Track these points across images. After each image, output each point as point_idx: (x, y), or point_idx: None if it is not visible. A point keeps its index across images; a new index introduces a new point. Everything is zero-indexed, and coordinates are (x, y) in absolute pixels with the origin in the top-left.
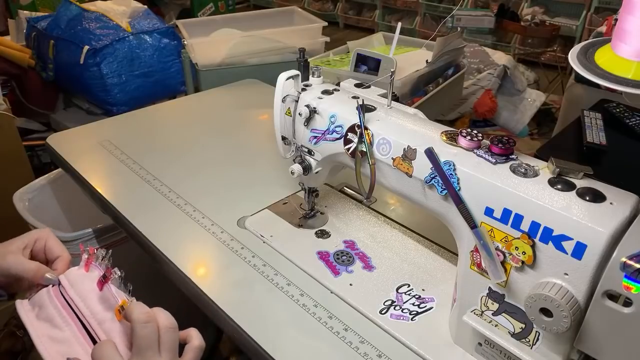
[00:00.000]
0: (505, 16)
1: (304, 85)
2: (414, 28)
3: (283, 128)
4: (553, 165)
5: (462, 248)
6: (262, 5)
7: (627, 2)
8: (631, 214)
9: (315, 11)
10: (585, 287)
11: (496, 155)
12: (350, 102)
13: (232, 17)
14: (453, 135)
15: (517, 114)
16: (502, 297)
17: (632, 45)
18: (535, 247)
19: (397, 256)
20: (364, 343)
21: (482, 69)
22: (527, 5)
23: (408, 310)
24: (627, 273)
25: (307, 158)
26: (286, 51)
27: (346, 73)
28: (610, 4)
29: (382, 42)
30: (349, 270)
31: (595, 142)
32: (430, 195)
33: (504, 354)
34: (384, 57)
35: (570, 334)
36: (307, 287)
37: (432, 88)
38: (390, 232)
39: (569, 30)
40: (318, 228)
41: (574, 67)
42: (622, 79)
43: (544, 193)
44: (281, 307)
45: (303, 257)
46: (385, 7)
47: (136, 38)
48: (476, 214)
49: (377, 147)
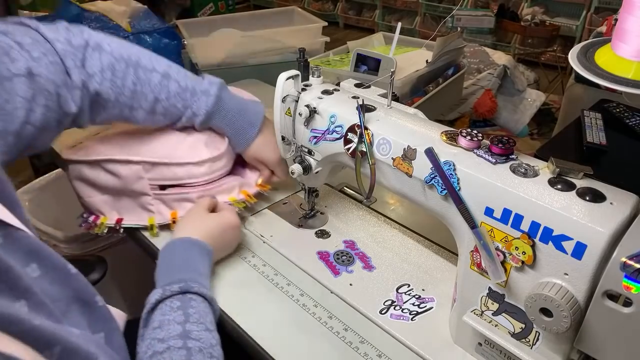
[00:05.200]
0: (505, 16)
1: (304, 85)
2: (414, 28)
3: (283, 128)
4: (553, 165)
5: (462, 248)
6: (262, 5)
7: (627, 2)
8: (631, 214)
9: (315, 11)
10: (585, 287)
11: (496, 155)
12: (350, 102)
13: (232, 17)
14: (453, 135)
15: (517, 114)
16: (502, 297)
17: (632, 45)
18: (535, 247)
19: (397, 256)
20: (364, 343)
21: (482, 69)
22: (527, 5)
23: (408, 310)
24: (627, 273)
25: (307, 158)
26: (286, 51)
27: (346, 73)
28: (610, 4)
29: (382, 42)
30: (349, 270)
31: (595, 142)
32: (430, 195)
33: (504, 354)
34: (384, 57)
35: (570, 334)
36: (307, 287)
37: (432, 88)
38: (390, 232)
39: (569, 30)
40: (318, 228)
41: (574, 67)
42: (622, 79)
43: (544, 193)
44: (281, 307)
45: (303, 257)
46: (385, 7)
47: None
48: (476, 214)
49: (377, 147)
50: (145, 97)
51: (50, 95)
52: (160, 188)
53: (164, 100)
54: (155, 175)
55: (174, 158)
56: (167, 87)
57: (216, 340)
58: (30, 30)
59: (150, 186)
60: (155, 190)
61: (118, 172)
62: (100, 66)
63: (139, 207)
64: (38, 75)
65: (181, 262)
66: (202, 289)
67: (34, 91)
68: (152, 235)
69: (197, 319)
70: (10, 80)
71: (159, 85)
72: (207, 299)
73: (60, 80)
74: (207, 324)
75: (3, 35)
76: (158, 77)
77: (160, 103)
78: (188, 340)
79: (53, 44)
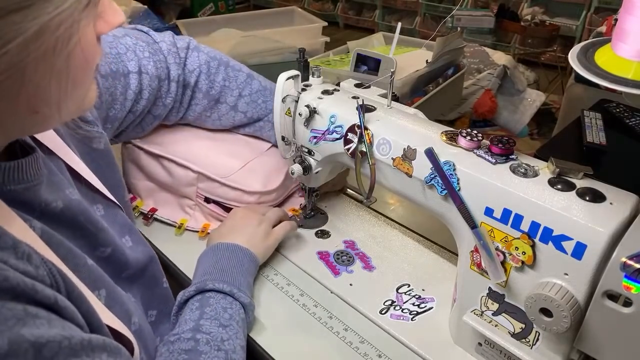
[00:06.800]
0: (505, 16)
1: (304, 85)
2: (414, 28)
3: (283, 128)
4: (553, 165)
5: (462, 248)
6: (262, 5)
7: (627, 2)
8: (631, 214)
9: (315, 11)
10: (585, 287)
11: (496, 155)
12: (350, 102)
13: (232, 17)
14: (453, 135)
15: (517, 114)
16: (502, 297)
17: (632, 45)
18: (535, 247)
19: (397, 256)
20: (364, 343)
21: (482, 69)
22: (527, 5)
23: (408, 310)
24: (627, 273)
25: (307, 158)
26: (286, 51)
27: (346, 73)
28: (610, 4)
29: (382, 42)
30: (349, 270)
31: (595, 142)
32: (430, 195)
33: (504, 354)
34: (384, 57)
35: (570, 334)
36: (307, 287)
37: (432, 88)
38: (390, 232)
39: (569, 30)
40: (318, 228)
41: (574, 67)
42: (622, 79)
43: (544, 193)
44: (281, 307)
45: (303, 257)
46: (385, 7)
47: None
48: (476, 214)
49: (377, 147)
50: (231, 92)
51: (152, 90)
52: (205, 200)
53: (246, 96)
54: (206, 187)
55: (229, 180)
56: (250, 85)
57: (229, 335)
58: (143, 34)
59: (197, 194)
60: (200, 200)
61: (173, 172)
62: (198, 63)
63: (177, 206)
64: (146, 73)
65: (226, 266)
66: (218, 285)
67: (142, 86)
68: (177, 233)
69: (211, 315)
70: (127, 76)
71: (244, 82)
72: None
73: (163, 76)
74: (222, 320)
75: (122, 38)
76: (244, 76)
77: (243, 99)
78: (197, 333)
79: (160, 44)
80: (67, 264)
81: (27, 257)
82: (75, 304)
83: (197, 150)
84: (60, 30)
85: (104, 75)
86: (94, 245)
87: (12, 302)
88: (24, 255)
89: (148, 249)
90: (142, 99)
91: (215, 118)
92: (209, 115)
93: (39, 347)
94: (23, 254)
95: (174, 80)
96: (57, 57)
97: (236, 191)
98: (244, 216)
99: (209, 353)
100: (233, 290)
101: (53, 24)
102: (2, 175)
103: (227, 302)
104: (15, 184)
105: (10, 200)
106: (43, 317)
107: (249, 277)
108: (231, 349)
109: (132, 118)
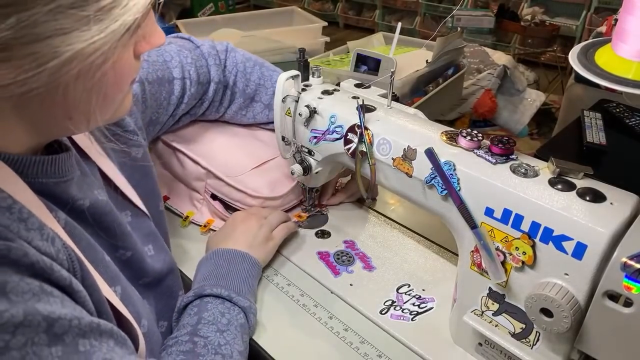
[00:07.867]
0: (505, 16)
1: (304, 85)
2: (414, 28)
3: (283, 128)
4: (553, 165)
5: (463, 248)
6: (262, 5)
7: (627, 2)
8: (631, 214)
9: (315, 11)
10: (585, 287)
11: (496, 155)
12: (350, 102)
13: (232, 17)
14: (453, 135)
15: (517, 114)
16: (502, 297)
17: (632, 45)
18: (536, 247)
19: (397, 256)
20: (364, 343)
21: (482, 69)
22: (527, 5)
23: (408, 311)
24: (627, 273)
25: (307, 158)
26: (286, 51)
27: (346, 73)
28: (610, 4)
29: (382, 42)
30: (349, 270)
31: (595, 142)
32: (431, 195)
33: (504, 354)
34: (384, 57)
35: (570, 334)
36: (307, 287)
37: (432, 88)
38: (390, 232)
39: (569, 30)
40: (318, 228)
41: (574, 67)
42: (622, 79)
43: (544, 193)
44: (281, 307)
45: (303, 257)
46: (385, 7)
47: None
48: (476, 214)
49: (377, 147)
50: (266, 91)
51: (192, 95)
52: (211, 196)
53: None
54: (214, 185)
55: (236, 181)
56: None
57: (226, 340)
58: (185, 40)
59: (205, 190)
60: (207, 195)
61: (185, 164)
62: (235, 62)
63: (188, 198)
64: (188, 79)
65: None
66: (216, 289)
67: (184, 91)
68: (182, 225)
69: (209, 320)
70: (172, 82)
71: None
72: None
73: (204, 80)
74: (220, 325)
75: (168, 46)
76: (277, 75)
77: None
78: (195, 337)
79: (201, 48)
80: (86, 256)
81: (51, 240)
82: (88, 291)
83: (213, 146)
84: (94, 56)
85: (151, 82)
86: (114, 247)
87: (30, 277)
88: (49, 237)
89: (170, 260)
90: (182, 103)
91: (251, 117)
92: (244, 114)
93: (51, 322)
94: (47, 236)
95: (213, 81)
96: (90, 77)
97: (241, 193)
98: (244, 220)
99: (207, 356)
100: (231, 295)
101: (87, 51)
102: (36, 167)
103: (225, 307)
104: (48, 177)
105: (40, 192)
106: (57, 296)
107: (250, 280)
108: (228, 354)
109: (172, 122)
